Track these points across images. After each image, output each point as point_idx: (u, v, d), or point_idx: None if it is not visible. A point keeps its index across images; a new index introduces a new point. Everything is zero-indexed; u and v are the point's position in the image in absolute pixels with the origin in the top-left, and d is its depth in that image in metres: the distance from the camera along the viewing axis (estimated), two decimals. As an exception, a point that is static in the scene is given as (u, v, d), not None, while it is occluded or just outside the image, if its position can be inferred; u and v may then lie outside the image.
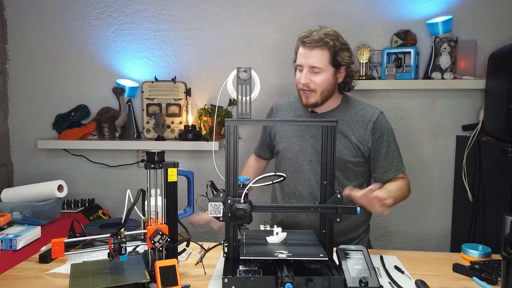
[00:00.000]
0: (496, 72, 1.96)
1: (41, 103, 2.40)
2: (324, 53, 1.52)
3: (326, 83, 1.55)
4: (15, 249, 1.60)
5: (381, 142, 1.59)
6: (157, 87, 2.25)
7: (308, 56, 1.53)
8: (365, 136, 1.58)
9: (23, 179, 2.42)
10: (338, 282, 1.11)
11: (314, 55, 1.52)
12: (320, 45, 1.51)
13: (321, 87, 1.55)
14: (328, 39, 1.51)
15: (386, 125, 1.61)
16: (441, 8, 2.15)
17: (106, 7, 2.33)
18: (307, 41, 1.52)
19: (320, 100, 1.58)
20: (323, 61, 1.53)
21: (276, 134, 1.73)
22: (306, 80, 1.54)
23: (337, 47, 1.53)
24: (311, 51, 1.53)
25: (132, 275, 1.12)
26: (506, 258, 1.09)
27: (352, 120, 1.60)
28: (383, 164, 1.59)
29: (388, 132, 1.61)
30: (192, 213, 1.31)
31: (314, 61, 1.53)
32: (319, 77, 1.54)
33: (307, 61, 1.54)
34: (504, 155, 1.74)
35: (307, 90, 1.56)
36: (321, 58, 1.52)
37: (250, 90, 1.21)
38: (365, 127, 1.59)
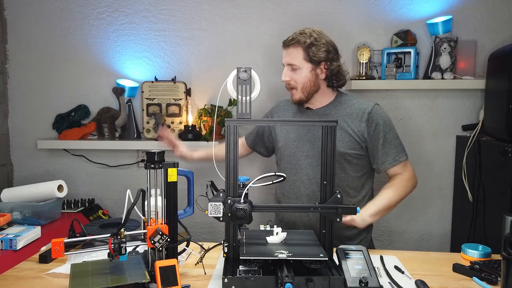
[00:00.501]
0: (496, 72, 1.96)
1: (41, 103, 2.40)
2: (297, 51, 1.60)
3: (305, 79, 1.62)
4: (15, 249, 1.60)
5: (377, 132, 1.61)
6: (157, 87, 2.25)
7: (285, 55, 1.64)
8: (360, 127, 1.61)
9: (23, 179, 2.42)
10: (338, 282, 1.11)
11: (289, 54, 1.62)
12: (293, 43, 1.61)
13: (300, 84, 1.62)
14: (300, 37, 1.59)
15: (382, 115, 1.63)
16: (441, 8, 2.15)
17: (106, 7, 2.33)
18: (284, 41, 1.65)
19: (304, 96, 1.64)
20: (298, 58, 1.61)
21: (277, 134, 1.76)
22: (285, 78, 1.65)
23: (308, 43, 1.59)
24: (287, 50, 1.63)
25: (132, 275, 1.12)
26: (506, 258, 1.09)
27: (347, 113, 1.64)
28: (380, 155, 1.62)
29: (385, 122, 1.62)
30: (192, 213, 1.31)
31: (290, 59, 1.62)
32: (296, 74, 1.62)
33: (285, 59, 1.65)
34: (504, 155, 1.74)
35: (289, 87, 1.66)
36: (296, 55, 1.61)
37: (250, 90, 1.21)
38: (359, 119, 1.61)
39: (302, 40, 1.59)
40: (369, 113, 1.61)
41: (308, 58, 1.60)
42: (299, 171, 1.66)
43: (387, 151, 1.62)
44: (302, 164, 1.65)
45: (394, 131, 1.65)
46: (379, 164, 1.63)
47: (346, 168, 1.63)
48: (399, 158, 1.62)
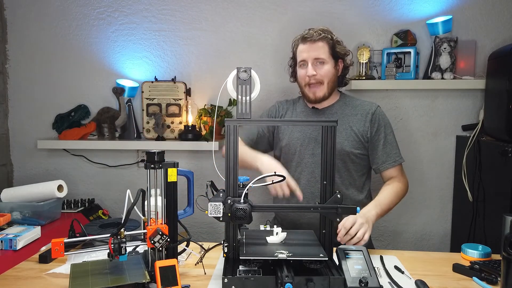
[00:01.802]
0: (496, 72, 1.96)
1: (41, 103, 2.40)
2: (325, 46, 1.65)
3: (330, 73, 1.66)
4: (15, 249, 1.60)
5: (379, 133, 1.67)
6: (157, 87, 2.25)
7: (311, 50, 1.65)
8: (364, 127, 1.67)
9: (23, 179, 2.42)
10: (338, 282, 1.11)
11: (317, 48, 1.64)
12: (321, 38, 1.64)
13: (327, 77, 1.66)
14: (325, 33, 1.66)
15: (384, 117, 1.70)
16: (441, 8, 2.15)
17: (106, 7, 2.33)
18: (308, 36, 1.65)
19: (327, 92, 1.68)
20: (326, 53, 1.65)
21: (281, 133, 1.78)
22: (312, 72, 1.64)
23: (334, 40, 1.68)
24: (313, 45, 1.64)
25: (132, 275, 1.12)
26: (506, 258, 1.09)
27: (351, 113, 1.70)
28: (381, 155, 1.67)
29: (386, 124, 1.70)
30: (192, 213, 1.31)
31: (318, 53, 1.64)
32: (324, 68, 1.65)
33: (311, 54, 1.65)
34: (504, 155, 1.74)
35: (315, 82, 1.66)
36: (323, 50, 1.65)
37: (250, 90, 1.21)
38: (364, 119, 1.68)
39: (329, 36, 1.66)
40: (372, 114, 1.68)
41: (333, 54, 1.67)
42: (304, 170, 1.68)
43: (388, 152, 1.67)
44: (308, 162, 1.68)
45: (393, 134, 1.72)
46: (379, 164, 1.68)
47: (350, 167, 1.68)
48: (398, 159, 1.68)
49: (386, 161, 1.67)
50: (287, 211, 1.69)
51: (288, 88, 2.28)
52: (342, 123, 1.68)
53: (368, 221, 1.45)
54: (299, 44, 1.70)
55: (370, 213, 1.51)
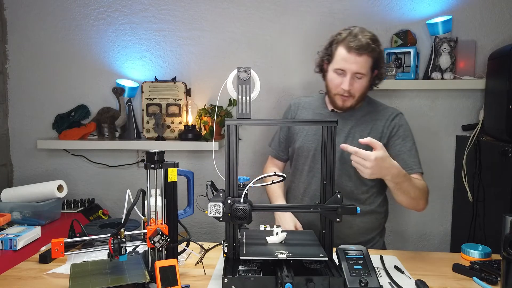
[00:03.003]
0: (496, 72, 1.96)
1: (41, 103, 2.40)
2: (369, 60, 1.53)
3: (365, 87, 1.58)
4: (15, 249, 1.60)
5: (395, 139, 1.59)
6: (157, 87, 2.25)
7: (354, 62, 1.51)
8: (382, 134, 1.60)
9: (23, 179, 2.42)
10: (338, 282, 1.11)
11: (360, 62, 1.51)
12: (368, 52, 1.51)
13: (360, 92, 1.57)
14: (374, 45, 1.53)
15: (404, 125, 1.62)
16: (441, 8, 2.15)
17: (106, 7, 2.33)
18: (354, 46, 1.50)
19: (355, 103, 1.60)
20: (367, 68, 1.54)
21: (295, 134, 1.72)
22: (349, 87, 1.53)
23: (381, 54, 1.58)
24: (358, 58, 1.51)
25: (132, 275, 1.12)
26: (506, 258, 1.09)
27: (372, 119, 1.63)
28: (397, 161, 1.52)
29: (405, 131, 1.61)
30: (192, 213, 1.31)
31: (359, 68, 1.52)
32: (360, 82, 1.55)
33: (352, 67, 1.52)
34: (504, 155, 1.74)
35: (347, 95, 1.56)
36: (366, 64, 1.53)
37: (250, 90, 1.21)
38: (383, 125, 1.61)
39: (377, 50, 1.54)
40: (392, 120, 1.61)
41: (373, 67, 1.57)
42: (316, 175, 1.62)
43: (403, 158, 1.56)
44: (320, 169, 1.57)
45: (413, 142, 1.62)
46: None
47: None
48: (415, 168, 1.56)
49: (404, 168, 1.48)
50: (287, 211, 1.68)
51: (289, 88, 2.29)
52: (360, 128, 1.61)
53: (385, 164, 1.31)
54: (341, 46, 1.54)
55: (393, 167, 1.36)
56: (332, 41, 1.60)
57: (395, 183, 1.40)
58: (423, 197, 1.52)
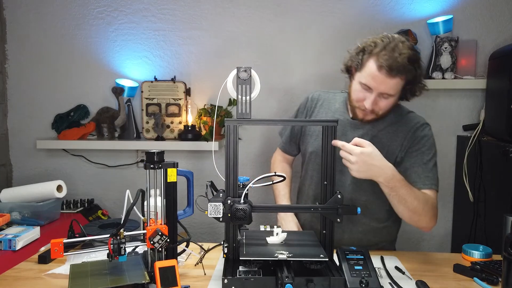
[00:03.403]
0: (497, 72, 1.95)
1: (40, 103, 2.39)
2: (401, 82, 1.36)
3: (390, 106, 1.43)
4: (14, 250, 1.60)
5: (413, 151, 1.44)
6: (156, 87, 2.24)
7: (382, 83, 1.34)
8: (402, 146, 1.45)
9: (22, 179, 2.41)
10: (338, 283, 1.10)
11: (390, 84, 1.34)
12: (400, 74, 1.33)
13: (384, 110, 1.42)
14: (412, 66, 1.34)
15: (427, 137, 1.45)
16: (441, 8, 2.15)
17: (105, 6, 2.32)
18: (386, 67, 1.31)
19: (377, 119, 1.46)
20: (397, 89, 1.37)
21: (308, 135, 1.62)
22: (372, 106, 1.39)
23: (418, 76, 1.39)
24: (388, 79, 1.33)
25: (132, 275, 1.12)
26: (507, 258, 1.09)
27: (394, 130, 1.47)
28: (409, 175, 1.41)
29: (426, 144, 1.44)
30: (191, 213, 1.31)
31: (388, 89, 1.35)
32: (386, 102, 1.39)
33: (380, 87, 1.35)
34: (505, 155, 1.74)
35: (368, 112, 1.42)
36: (397, 86, 1.36)
37: (250, 90, 1.21)
38: (404, 136, 1.46)
39: (411, 73, 1.35)
40: (414, 132, 1.45)
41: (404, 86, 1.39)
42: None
43: (417, 171, 1.42)
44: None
45: (434, 160, 1.45)
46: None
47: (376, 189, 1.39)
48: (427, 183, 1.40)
49: (415, 182, 1.40)
50: (287, 212, 1.68)
51: (289, 88, 2.28)
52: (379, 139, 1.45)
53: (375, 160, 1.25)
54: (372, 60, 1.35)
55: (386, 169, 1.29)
56: (364, 48, 1.40)
57: (389, 187, 1.32)
58: (426, 213, 1.36)
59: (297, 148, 1.73)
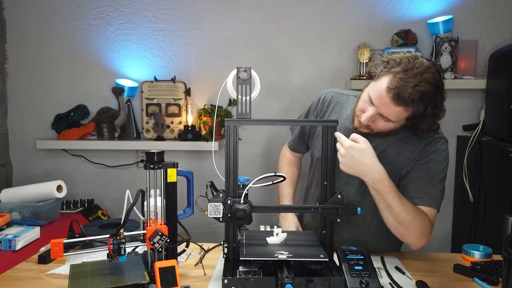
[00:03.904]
0: (497, 72, 1.95)
1: (40, 103, 2.39)
2: (404, 113, 1.24)
3: (389, 130, 1.32)
4: (14, 250, 1.60)
5: (418, 164, 1.35)
6: (156, 87, 2.24)
7: (385, 106, 1.24)
8: (409, 160, 1.36)
9: (22, 179, 2.41)
10: (338, 283, 1.10)
11: (392, 110, 1.24)
12: (406, 106, 1.22)
13: (382, 130, 1.32)
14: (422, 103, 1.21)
15: (438, 153, 1.34)
16: (441, 8, 2.15)
17: (105, 6, 2.32)
18: (394, 92, 1.20)
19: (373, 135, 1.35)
20: (399, 117, 1.26)
21: (316, 137, 1.56)
22: (367, 123, 1.30)
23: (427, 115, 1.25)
24: (392, 105, 1.23)
25: (132, 276, 1.12)
26: (507, 258, 1.09)
27: (404, 142, 1.38)
28: (409, 188, 1.34)
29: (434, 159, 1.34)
30: (191, 213, 1.30)
31: (389, 114, 1.26)
32: (385, 125, 1.30)
33: (381, 108, 1.26)
34: (505, 155, 1.74)
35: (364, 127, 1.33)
36: (399, 115, 1.25)
37: (250, 90, 1.21)
38: (412, 149, 1.36)
39: (419, 109, 1.23)
40: (426, 146, 1.35)
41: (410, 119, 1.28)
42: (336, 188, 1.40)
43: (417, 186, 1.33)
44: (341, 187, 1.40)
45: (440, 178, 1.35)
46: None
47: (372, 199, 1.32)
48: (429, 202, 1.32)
49: (412, 197, 1.32)
50: (287, 212, 1.68)
51: (291, 88, 2.28)
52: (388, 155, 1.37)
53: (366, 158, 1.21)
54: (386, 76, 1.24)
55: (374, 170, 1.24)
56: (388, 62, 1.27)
57: (375, 190, 1.26)
58: (414, 228, 1.27)
59: (306, 147, 1.67)
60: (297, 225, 1.62)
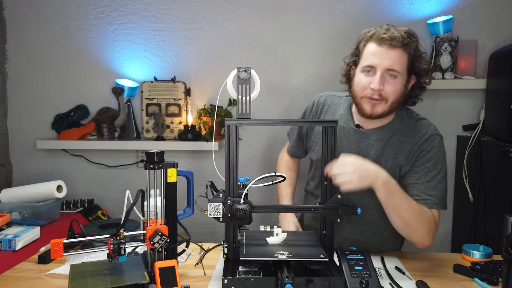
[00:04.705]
0: (497, 72, 1.95)
1: (40, 103, 2.39)
2: (404, 56, 1.32)
3: (399, 91, 1.35)
4: (14, 250, 1.59)
5: (416, 165, 1.37)
6: (156, 87, 2.24)
7: (386, 57, 1.30)
8: (407, 160, 1.38)
9: (22, 180, 2.41)
10: (338, 283, 1.10)
11: (394, 56, 1.30)
12: (402, 46, 1.30)
13: (393, 96, 1.34)
14: (410, 40, 1.32)
15: (434, 151, 1.37)
16: (441, 8, 2.15)
17: (105, 6, 2.32)
18: (387, 38, 1.30)
19: (387, 111, 1.37)
20: (402, 65, 1.32)
21: (313, 140, 1.57)
22: (380, 86, 1.31)
23: (418, 51, 1.35)
24: (390, 51, 1.30)
25: (132, 276, 1.12)
26: (507, 258, 1.09)
27: (399, 141, 1.40)
28: (410, 191, 1.35)
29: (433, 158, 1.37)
30: (191, 213, 1.31)
31: (392, 63, 1.30)
32: (394, 83, 1.32)
33: (383, 63, 1.30)
34: (505, 155, 1.73)
35: (377, 98, 1.34)
36: (401, 60, 1.31)
37: (250, 90, 1.21)
38: (410, 149, 1.38)
39: (412, 46, 1.32)
40: (422, 144, 1.38)
41: (410, 68, 1.35)
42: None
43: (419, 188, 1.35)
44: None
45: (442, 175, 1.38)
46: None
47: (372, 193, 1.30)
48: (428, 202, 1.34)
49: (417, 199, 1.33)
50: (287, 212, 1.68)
51: (291, 88, 2.28)
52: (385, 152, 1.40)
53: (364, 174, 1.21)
54: (370, 42, 1.34)
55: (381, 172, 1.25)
56: (359, 41, 1.41)
57: (387, 192, 1.26)
58: (420, 226, 1.30)
59: (304, 151, 1.69)
60: (297, 225, 1.63)
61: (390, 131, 1.41)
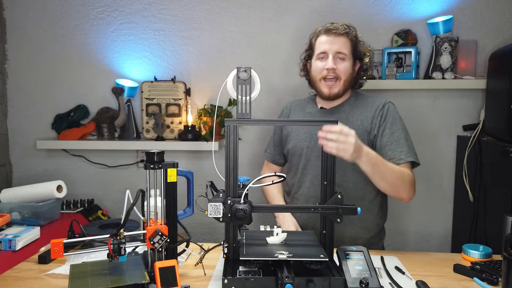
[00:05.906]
0: (497, 72, 1.95)
1: (40, 103, 2.39)
2: (347, 41, 1.60)
3: (348, 71, 1.61)
4: (14, 250, 1.59)
5: (384, 129, 1.58)
6: (156, 87, 2.24)
7: (333, 43, 1.59)
8: (372, 124, 1.59)
9: (22, 180, 2.41)
10: (338, 283, 1.10)
11: (339, 42, 1.59)
12: (345, 33, 1.60)
13: (345, 75, 1.60)
14: (350, 30, 1.61)
15: (393, 113, 1.61)
16: (441, 8, 2.15)
17: (105, 6, 2.32)
18: (333, 29, 1.60)
19: (342, 90, 1.62)
20: (348, 49, 1.60)
21: (288, 136, 1.73)
22: (333, 65, 1.58)
23: (356, 37, 1.64)
24: (337, 38, 1.60)
25: (132, 276, 1.12)
26: (507, 258, 1.09)
27: (360, 111, 1.63)
28: (385, 152, 1.54)
29: (394, 120, 1.59)
30: (191, 213, 1.31)
31: (340, 47, 1.59)
32: (344, 64, 1.60)
33: (333, 47, 1.59)
34: (505, 155, 1.74)
35: (332, 77, 1.59)
36: (346, 45, 1.60)
37: (250, 90, 1.21)
38: (372, 116, 1.60)
39: (353, 33, 1.62)
40: (380, 110, 1.61)
41: (353, 52, 1.63)
42: (310, 172, 1.63)
43: (393, 149, 1.55)
44: (314, 165, 1.61)
45: (404, 131, 1.59)
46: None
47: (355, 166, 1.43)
48: (404, 157, 1.53)
49: (391, 158, 1.52)
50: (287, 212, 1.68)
51: (289, 88, 2.28)
52: (351, 121, 1.59)
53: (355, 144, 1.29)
54: (320, 35, 1.64)
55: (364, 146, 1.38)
56: (311, 38, 1.70)
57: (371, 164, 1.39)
58: (404, 186, 1.49)
59: (283, 156, 1.81)
60: (296, 225, 1.63)
61: (349, 106, 1.66)
